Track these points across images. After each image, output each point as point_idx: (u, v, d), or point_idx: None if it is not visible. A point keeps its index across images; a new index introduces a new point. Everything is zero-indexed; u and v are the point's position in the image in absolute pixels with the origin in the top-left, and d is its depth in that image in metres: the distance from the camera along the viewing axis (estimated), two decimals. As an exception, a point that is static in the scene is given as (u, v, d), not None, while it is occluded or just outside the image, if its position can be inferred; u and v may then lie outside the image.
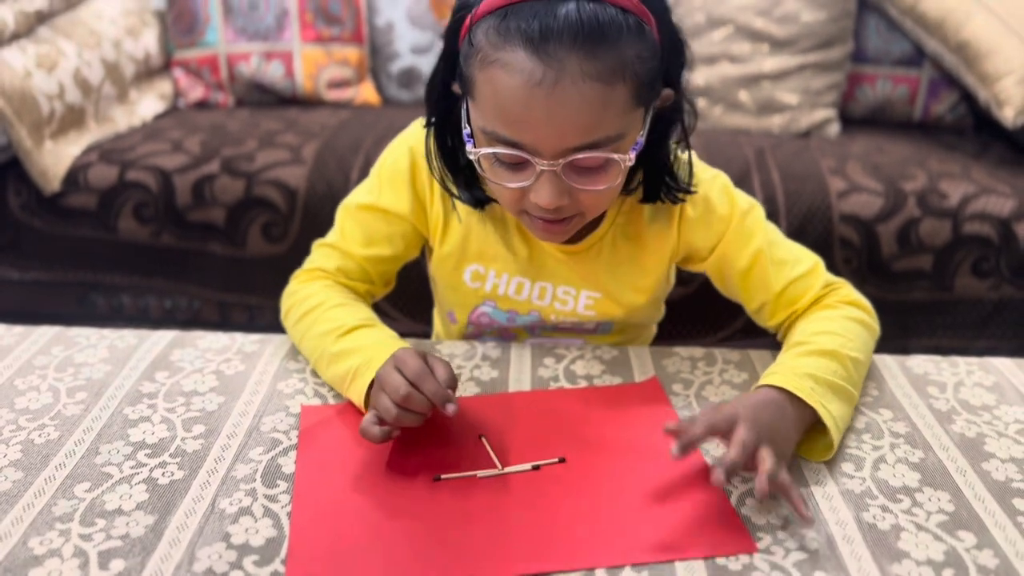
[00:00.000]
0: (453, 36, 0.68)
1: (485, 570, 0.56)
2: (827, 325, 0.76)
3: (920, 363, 0.85)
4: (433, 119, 0.75)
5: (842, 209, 1.38)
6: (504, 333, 0.90)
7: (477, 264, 0.83)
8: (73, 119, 1.56)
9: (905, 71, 1.75)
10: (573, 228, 0.73)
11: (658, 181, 0.76)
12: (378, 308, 0.89)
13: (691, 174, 0.78)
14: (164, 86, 1.85)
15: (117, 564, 0.56)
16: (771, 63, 1.68)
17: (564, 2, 0.61)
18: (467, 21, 0.65)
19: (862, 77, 1.77)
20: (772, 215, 1.38)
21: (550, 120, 0.62)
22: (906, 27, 1.69)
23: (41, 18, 1.58)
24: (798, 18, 1.66)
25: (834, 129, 1.70)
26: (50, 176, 1.46)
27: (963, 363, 0.85)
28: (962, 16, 1.57)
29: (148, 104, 1.77)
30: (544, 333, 0.89)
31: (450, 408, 0.64)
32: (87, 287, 1.53)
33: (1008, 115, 1.50)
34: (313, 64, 1.83)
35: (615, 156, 0.65)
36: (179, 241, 1.46)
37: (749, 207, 0.81)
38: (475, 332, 0.90)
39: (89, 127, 1.60)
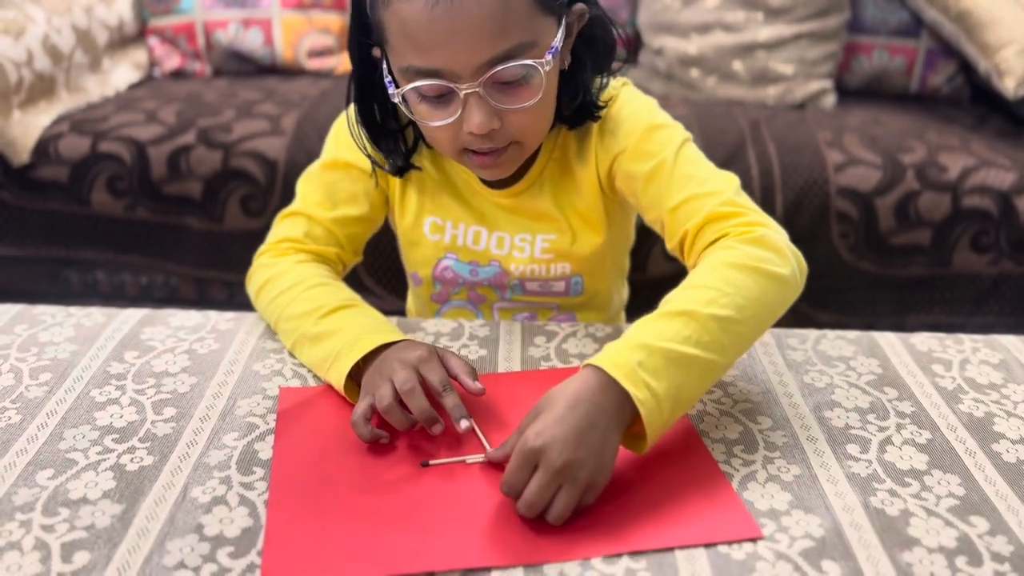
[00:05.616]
0: None
1: (475, 561, 0.53)
2: (701, 276, 0.66)
3: (924, 340, 0.82)
4: (354, 89, 0.76)
5: (839, 182, 1.34)
6: (472, 296, 0.88)
7: (435, 216, 0.84)
8: (43, 88, 1.50)
9: (902, 41, 1.71)
10: (512, 160, 0.73)
11: (581, 104, 0.75)
12: (361, 285, 0.85)
13: (602, 87, 0.77)
14: (139, 55, 1.78)
15: (81, 557, 0.53)
16: (766, 32, 1.64)
17: None
18: None
19: (858, 47, 1.73)
20: (768, 188, 1.36)
21: (456, 35, 0.63)
22: (904, -5, 1.65)
23: (7, -19, 1.52)
24: (794, -15, 1.61)
25: (830, 100, 1.66)
26: (19, 147, 1.40)
27: (968, 340, 0.82)
28: (962, -16, 1.53)
29: (122, 73, 1.71)
30: (514, 297, 0.87)
31: (463, 424, 0.64)
32: (60, 263, 1.48)
33: (1009, 86, 1.47)
34: (293, 32, 1.76)
35: (532, 62, 0.65)
36: (154, 215, 1.41)
37: (663, 124, 0.76)
38: (442, 292, 0.89)
39: (60, 96, 1.54)
